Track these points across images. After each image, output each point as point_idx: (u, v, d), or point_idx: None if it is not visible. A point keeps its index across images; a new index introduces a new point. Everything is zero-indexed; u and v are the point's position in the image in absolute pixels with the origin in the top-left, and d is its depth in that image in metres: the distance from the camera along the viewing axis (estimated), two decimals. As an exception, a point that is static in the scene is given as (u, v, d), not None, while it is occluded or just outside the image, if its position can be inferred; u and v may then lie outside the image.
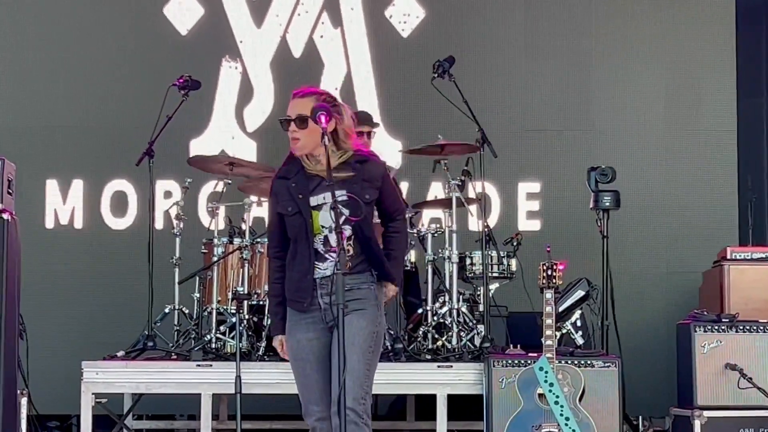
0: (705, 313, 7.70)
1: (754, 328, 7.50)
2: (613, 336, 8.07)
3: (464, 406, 7.85)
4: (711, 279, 8.48)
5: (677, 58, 10.00)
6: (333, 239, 5.23)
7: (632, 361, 8.43)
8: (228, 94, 9.94)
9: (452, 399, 7.56)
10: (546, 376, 6.91)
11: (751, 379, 7.26)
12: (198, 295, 8.11)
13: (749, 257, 8.20)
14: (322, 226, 5.29)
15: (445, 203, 8.30)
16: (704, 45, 9.99)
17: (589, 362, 7.33)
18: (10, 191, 6.83)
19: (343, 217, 5.17)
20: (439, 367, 7.59)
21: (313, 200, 5.30)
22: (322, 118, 5.14)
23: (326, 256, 5.29)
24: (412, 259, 8.39)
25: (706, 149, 9.90)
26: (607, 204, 8.19)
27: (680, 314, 8.16)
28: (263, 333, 7.73)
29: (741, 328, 7.50)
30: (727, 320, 7.53)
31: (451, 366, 7.58)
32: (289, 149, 5.45)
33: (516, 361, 7.31)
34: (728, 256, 8.20)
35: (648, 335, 9.36)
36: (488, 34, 10.01)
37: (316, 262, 5.29)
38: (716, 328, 7.50)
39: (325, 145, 5.07)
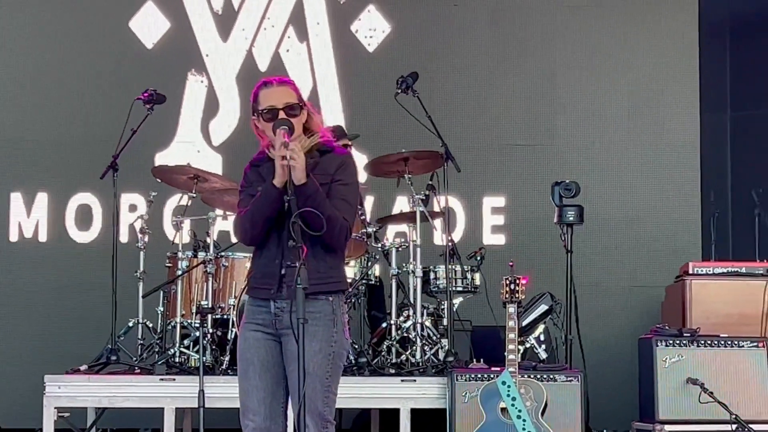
0: (667, 327, 7.74)
1: (715, 342, 7.54)
2: (576, 350, 8.10)
3: (427, 420, 7.86)
4: (673, 293, 8.52)
5: (641, 74, 10.07)
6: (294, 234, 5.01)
7: (595, 375, 8.48)
8: (193, 107, 9.95)
9: (416, 413, 7.57)
10: (509, 390, 6.92)
11: (712, 393, 7.30)
12: (162, 308, 8.09)
13: (711, 272, 8.25)
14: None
15: (409, 217, 8.31)
16: (668, 60, 10.07)
17: (551, 376, 7.35)
18: (-27, 205, 6.83)
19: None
20: (402, 381, 7.59)
21: None
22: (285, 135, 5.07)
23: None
24: (377, 273, 8.41)
25: (669, 164, 9.96)
26: (571, 219, 8.22)
27: (643, 328, 8.20)
28: (227, 347, 7.72)
29: (702, 342, 7.54)
30: (689, 335, 7.56)
31: (415, 380, 7.58)
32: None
33: (479, 375, 7.33)
34: (690, 271, 8.25)
35: (611, 349, 9.39)
36: (453, 50, 10.06)
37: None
38: (678, 342, 7.53)
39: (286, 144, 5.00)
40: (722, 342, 7.54)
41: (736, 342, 7.53)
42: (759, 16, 10.53)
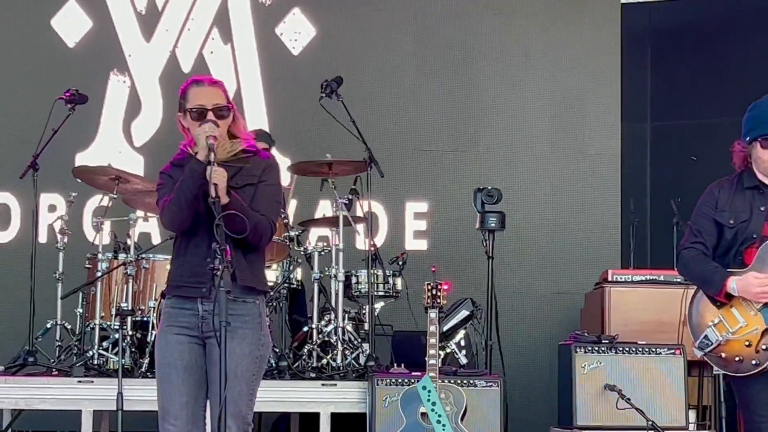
0: (586, 334, 7.79)
1: (633, 349, 7.60)
2: (496, 356, 8.15)
3: (348, 425, 7.86)
4: (592, 300, 8.60)
5: (564, 82, 10.16)
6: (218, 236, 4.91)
7: (515, 381, 8.53)
8: (115, 108, 9.87)
9: (336, 417, 7.57)
10: (429, 395, 6.94)
11: (629, 400, 7.36)
12: (81, 310, 8.01)
13: (630, 280, 8.33)
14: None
15: (332, 221, 8.32)
16: (590, 69, 10.17)
17: (471, 381, 7.38)
18: None
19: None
20: (323, 385, 7.58)
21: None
22: (212, 140, 5.04)
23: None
24: (299, 277, 8.40)
25: (590, 172, 10.07)
26: (493, 225, 8.26)
27: (562, 335, 8.26)
28: (146, 349, 7.66)
29: (620, 349, 7.60)
30: (607, 342, 7.63)
31: (336, 384, 7.58)
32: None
33: (400, 380, 7.34)
34: (609, 279, 8.32)
35: (531, 355, 9.47)
36: (379, 54, 10.09)
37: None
38: (596, 349, 7.59)
39: (211, 161, 4.98)
40: (640, 349, 7.61)
41: (653, 349, 7.61)
42: (680, 27, 10.67)
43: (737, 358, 5.59)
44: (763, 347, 5.54)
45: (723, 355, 5.64)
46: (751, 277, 5.57)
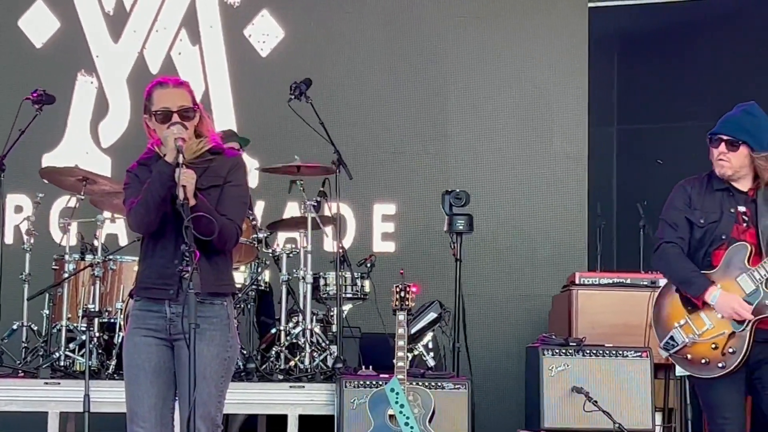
0: (553, 336, 7.82)
1: (600, 352, 7.63)
2: (464, 358, 8.15)
3: (315, 427, 7.86)
4: (560, 303, 8.62)
5: (531, 85, 10.18)
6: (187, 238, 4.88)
7: (482, 383, 8.54)
8: (83, 108, 9.83)
9: (303, 419, 7.56)
10: (397, 397, 6.95)
11: (596, 402, 7.39)
12: (47, 311, 7.97)
13: (597, 282, 8.36)
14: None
15: (300, 223, 8.31)
16: (558, 73, 10.20)
17: (439, 384, 7.39)
18: None
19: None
20: (291, 387, 7.58)
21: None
22: (180, 142, 5.03)
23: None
24: (267, 279, 8.40)
25: (558, 175, 10.09)
26: (461, 227, 8.27)
27: (530, 337, 8.28)
28: (113, 351, 7.64)
29: (587, 352, 7.62)
30: (575, 344, 7.65)
31: (303, 386, 7.58)
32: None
33: (368, 382, 7.33)
34: (577, 281, 8.35)
35: (498, 358, 9.48)
36: (347, 56, 10.09)
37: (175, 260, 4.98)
38: (564, 351, 7.61)
39: (179, 162, 4.97)
40: (607, 351, 7.63)
41: (620, 351, 7.64)
42: (646, 32, 10.72)
43: (703, 360, 5.63)
44: (730, 350, 5.58)
45: (689, 356, 5.67)
46: (735, 302, 5.56)
